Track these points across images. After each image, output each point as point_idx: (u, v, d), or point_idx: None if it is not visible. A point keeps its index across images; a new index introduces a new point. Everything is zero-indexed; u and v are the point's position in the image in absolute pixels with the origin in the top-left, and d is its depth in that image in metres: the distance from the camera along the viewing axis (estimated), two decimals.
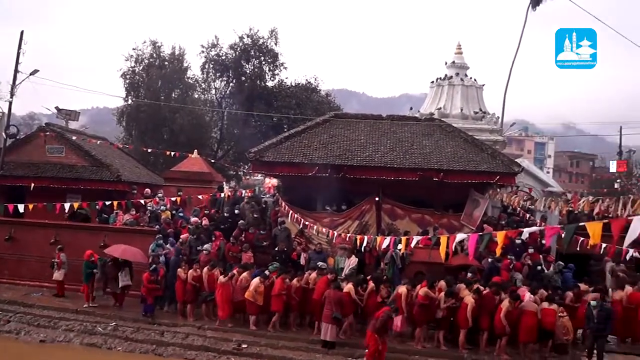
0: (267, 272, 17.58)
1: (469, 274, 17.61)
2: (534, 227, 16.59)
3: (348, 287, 16.82)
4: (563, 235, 12.48)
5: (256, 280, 17.27)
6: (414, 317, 16.58)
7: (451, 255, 16.65)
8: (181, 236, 20.56)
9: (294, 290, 17.38)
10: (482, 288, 16.44)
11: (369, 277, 17.51)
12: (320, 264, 18.37)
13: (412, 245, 15.63)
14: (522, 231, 13.56)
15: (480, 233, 15.38)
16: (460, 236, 14.32)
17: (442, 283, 16.79)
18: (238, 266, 18.42)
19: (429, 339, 16.75)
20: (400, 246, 16.00)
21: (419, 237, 15.83)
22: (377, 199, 21.55)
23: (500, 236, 13.09)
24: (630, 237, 10.88)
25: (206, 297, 18.25)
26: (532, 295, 16.31)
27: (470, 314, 15.83)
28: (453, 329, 16.58)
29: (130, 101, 43.95)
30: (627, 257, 17.54)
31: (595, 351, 15.69)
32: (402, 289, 16.64)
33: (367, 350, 14.71)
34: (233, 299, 17.61)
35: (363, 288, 17.01)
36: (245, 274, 17.74)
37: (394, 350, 15.65)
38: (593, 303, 15.77)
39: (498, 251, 14.64)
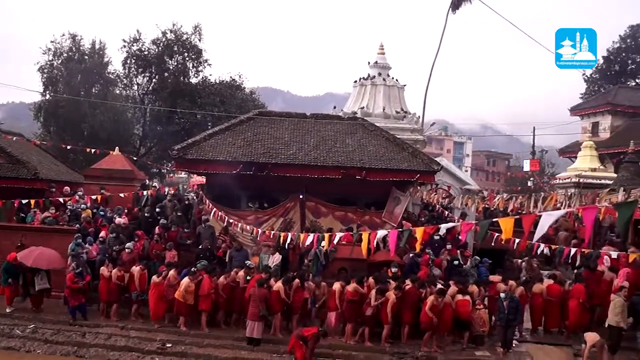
0: (194, 269, 17.45)
1: (392, 269, 18.07)
2: (450, 224, 17.20)
3: (277, 285, 16.94)
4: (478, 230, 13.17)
5: (186, 280, 17.14)
6: (344, 313, 16.85)
7: (373, 251, 17.03)
8: (100, 235, 20.20)
9: (221, 288, 17.38)
10: (406, 283, 16.90)
11: (295, 274, 17.71)
12: (248, 262, 18.47)
13: (335, 242, 15.98)
14: (439, 227, 14.13)
15: (401, 229, 15.86)
16: (381, 233, 14.71)
17: (372, 280, 17.10)
18: (164, 265, 18.30)
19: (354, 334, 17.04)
20: (323, 243, 16.30)
21: (342, 234, 16.19)
22: (301, 196, 21.72)
23: (419, 232, 13.62)
24: (539, 232, 11.63)
25: (137, 297, 18.01)
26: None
27: (390, 309, 16.25)
28: (379, 324, 16.89)
29: (48, 96, 42.60)
30: (539, 252, 18.51)
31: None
32: (336, 285, 16.86)
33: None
34: (165, 298, 17.49)
35: (290, 286, 17.13)
36: (172, 272, 17.63)
37: (319, 345, 15.74)
38: (502, 295, 16.57)
39: (418, 247, 15.21)
